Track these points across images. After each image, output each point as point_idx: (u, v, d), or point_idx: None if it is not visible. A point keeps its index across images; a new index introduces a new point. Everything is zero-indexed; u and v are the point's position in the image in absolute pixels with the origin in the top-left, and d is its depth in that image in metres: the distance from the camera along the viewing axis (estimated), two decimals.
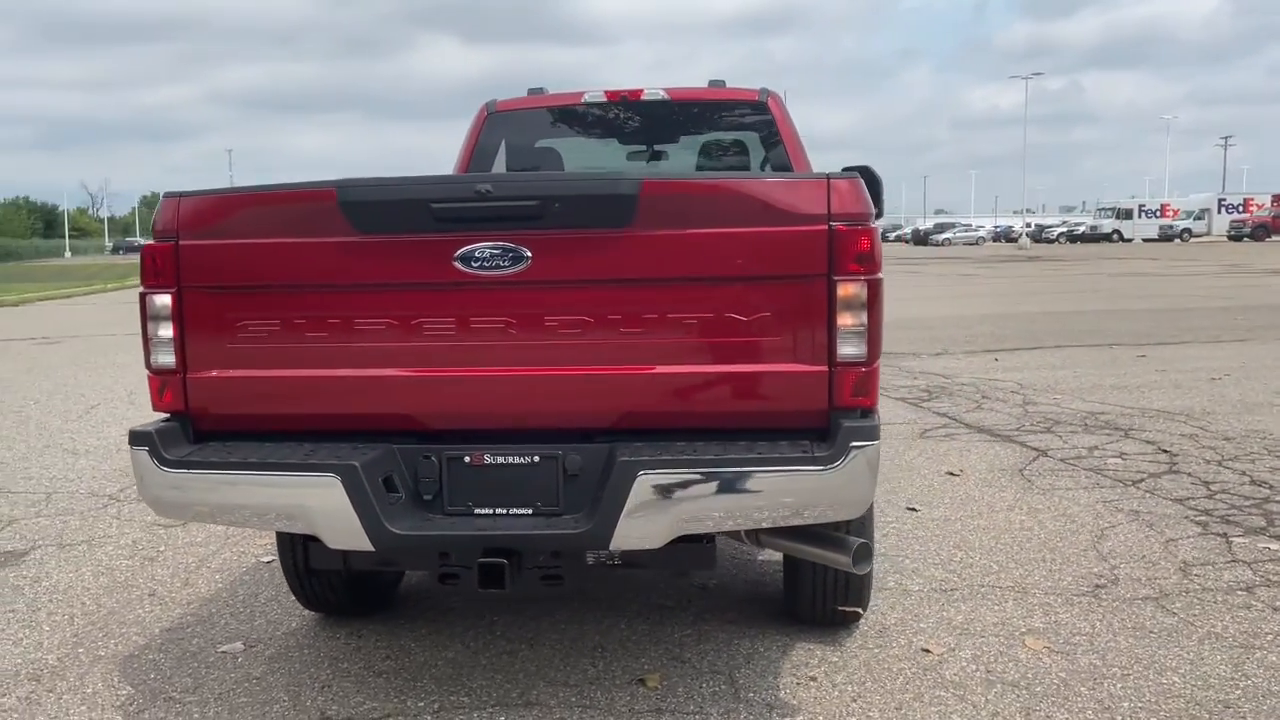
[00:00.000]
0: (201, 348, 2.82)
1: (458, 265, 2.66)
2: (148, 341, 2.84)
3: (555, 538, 2.66)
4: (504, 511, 2.75)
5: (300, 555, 3.46)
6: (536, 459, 2.72)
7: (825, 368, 2.64)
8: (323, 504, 2.63)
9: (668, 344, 2.68)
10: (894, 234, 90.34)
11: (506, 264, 2.66)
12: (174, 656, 3.62)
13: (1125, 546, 4.56)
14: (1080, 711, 3.07)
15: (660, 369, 2.69)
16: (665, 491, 2.57)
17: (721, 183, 2.75)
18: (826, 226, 2.60)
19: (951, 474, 5.93)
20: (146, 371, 2.89)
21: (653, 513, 2.58)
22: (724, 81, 5.30)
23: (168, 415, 2.88)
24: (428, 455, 2.76)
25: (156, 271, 2.80)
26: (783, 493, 2.59)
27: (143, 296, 2.84)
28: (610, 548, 2.63)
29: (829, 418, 2.67)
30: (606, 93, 5.24)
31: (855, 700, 3.18)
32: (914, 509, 5.22)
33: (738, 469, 2.57)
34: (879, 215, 5.68)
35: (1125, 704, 3.11)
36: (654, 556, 2.81)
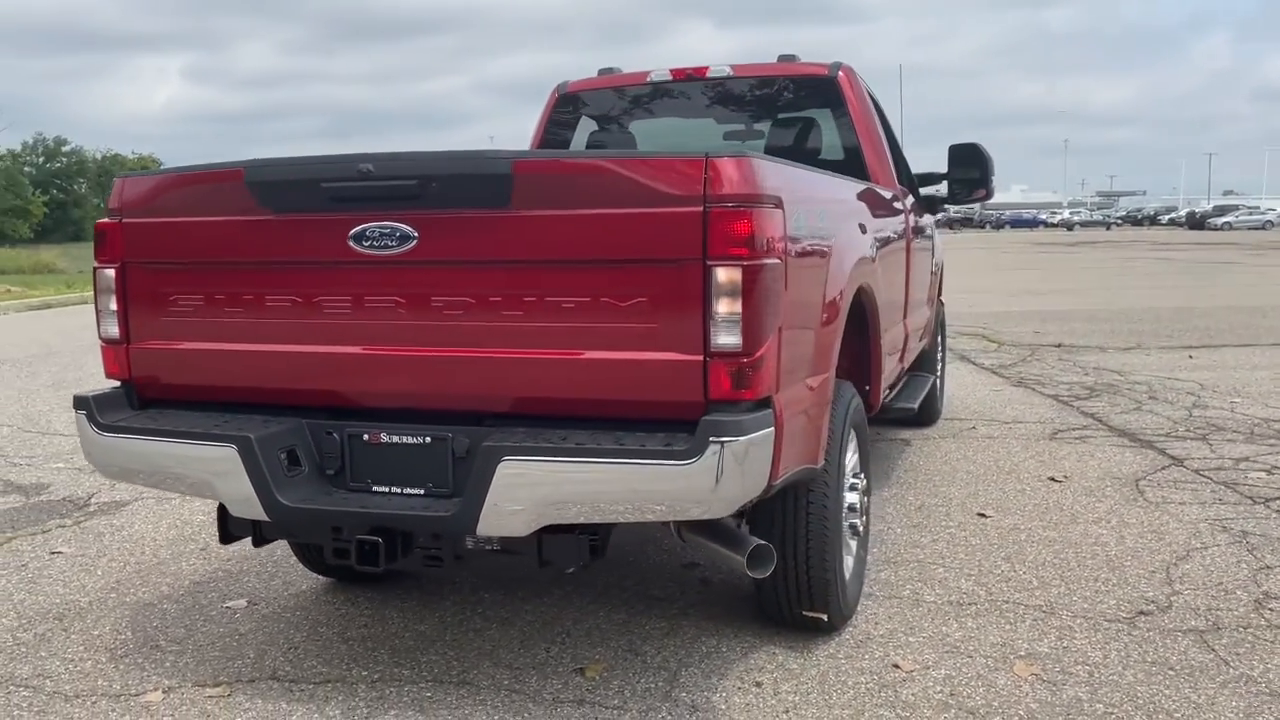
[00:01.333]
0: (141, 320, 3.00)
1: (352, 244, 2.70)
2: (99, 313, 3.04)
3: (426, 519, 2.65)
4: (399, 490, 2.77)
5: None
6: (428, 440, 2.72)
7: (700, 357, 2.49)
8: (222, 473, 2.74)
9: (547, 329, 2.61)
10: (1166, 216, 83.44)
11: (394, 244, 2.67)
12: (184, 608, 3.87)
13: (1205, 571, 4.06)
14: None
15: (541, 354, 2.62)
16: (526, 479, 2.51)
17: (595, 162, 2.64)
18: (701, 208, 2.45)
19: (1053, 479, 5.47)
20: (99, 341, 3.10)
21: (516, 500, 2.52)
22: (796, 56, 5.08)
23: (118, 383, 3.07)
24: (330, 431, 2.82)
25: (104, 248, 3.00)
26: (639, 486, 2.47)
27: (94, 271, 3.04)
28: (477, 533, 2.59)
29: (705, 410, 2.52)
30: (672, 71, 5.14)
31: (788, 712, 3.00)
32: (985, 515, 4.85)
33: (595, 460, 2.48)
34: (987, 196, 5.32)
35: None
36: (526, 545, 2.75)
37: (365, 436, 2.80)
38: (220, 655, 3.44)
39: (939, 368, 6.86)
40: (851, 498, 3.50)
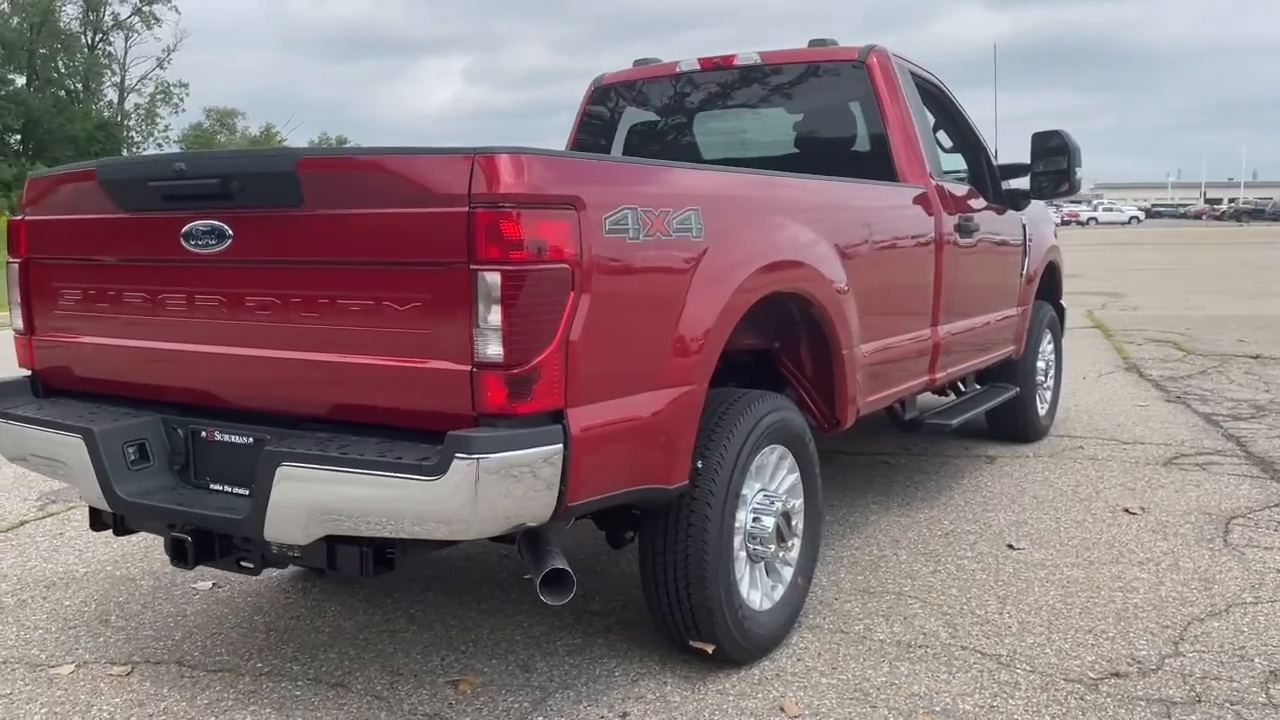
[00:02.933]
0: (38, 313, 3.16)
1: (183, 243, 2.72)
2: (11, 305, 3.23)
3: (222, 520, 2.64)
4: (229, 489, 2.78)
5: None
6: (251, 440, 2.71)
7: (467, 367, 2.35)
8: (73, 461, 2.84)
9: (340, 331, 2.54)
10: None
11: (214, 242, 2.67)
12: (157, 585, 4.07)
13: (1234, 631, 3.49)
14: None
15: (336, 357, 2.56)
16: (300, 486, 2.46)
17: (372, 159, 2.53)
18: (466, 209, 2.30)
19: (1128, 511, 4.86)
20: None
21: (291, 507, 2.47)
22: (833, 40, 4.74)
23: (28, 372, 3.25)
24: (177, 428, 2.87)
25: (12, 243, 3.18)
26: (391, 501, 2.36)
27: (6, 265, 3.23)
28: (266, 538, 2.56)
29: (475, 423, 2.37)
30: (700, 61, 4.92)
31: None
32: (1014, 547, 4.37)
33: (354, 470, 2.38)
34: (1071, 190, 4.80)
35: None
36: (316, 552, 2.68)
37: (203, 434, 2.83)
38: (151, 635, 3.59)
39: (1042, 379, 6.24)
40: (765, 522, 3.22)
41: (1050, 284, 6.43)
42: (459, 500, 2.28)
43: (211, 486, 2.82)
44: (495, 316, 2.29)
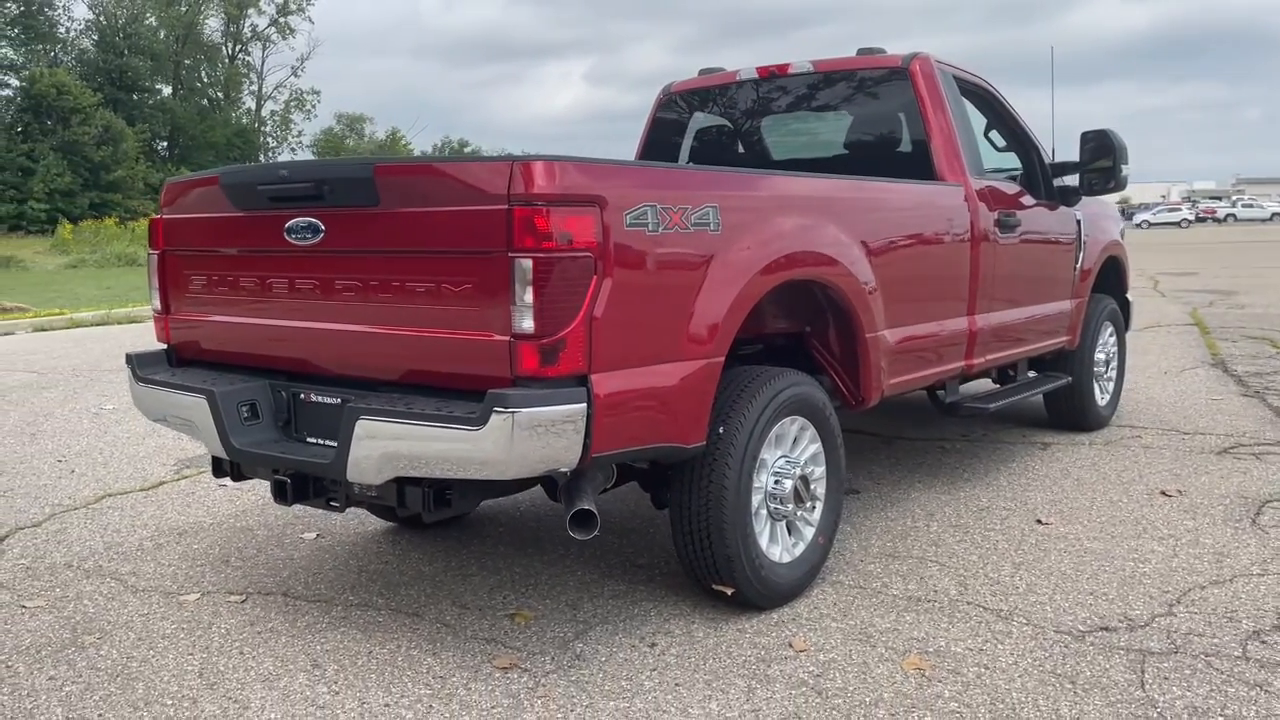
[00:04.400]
0: (172, 296, 3.79)
1: (286, 236, 3.30)
2: (150, 290, 3.88)
3: (314, 465, 3.20)
4: (321, 442, 3.35)
5: None
6: (339, 401, 3.27)
7: (507, 338, 2.86)
8: (199, 418, 3.46)
9: (410, 310, 3.06)
10: None
11: (311, 236, 3.24)
12: (271, 534, 4.71)
13: (1231, 597, 3.77)
14: None
15: (408, 331, 3.08)
16: (373, 436, 3.00)
17: (432, 166, 3.04)
18: (506, 206, 2.81)
19: (1164, 494, 5.10)
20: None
21: (367, 453, 3.02)
22: (880, 49, 5.11)
23: (165, 346, 3.90)
24: (281, 391, 3.45)
25: (152, 238, 3.82)
26: (445, 447, 2.87)
27: (149, 256, 3.88)
28: (348, 479, 3.11)
29: (512, 384, 2.88)
30: (758, 69, 5.34)
31: (655, 670, 3.27)
32: (1043, 522, 4.68)
33: (415, 422, 2.91)
34: (1117, 188, 5.10)
35: None
36: (388, 491, 3.21)
37: (302, 396, 3.40)
38: (263, 572, 4.20)
39: (1102, 370, 6.46)
40: (784, 484, 3.64)
41: (1112, 279, 6.62)
42: (497, 447, 2.78)
43: (308, 439, 3.39)
44: (529, 296, 2.78)
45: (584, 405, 2.88)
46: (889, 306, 4.12)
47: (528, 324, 2.80)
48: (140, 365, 3.76)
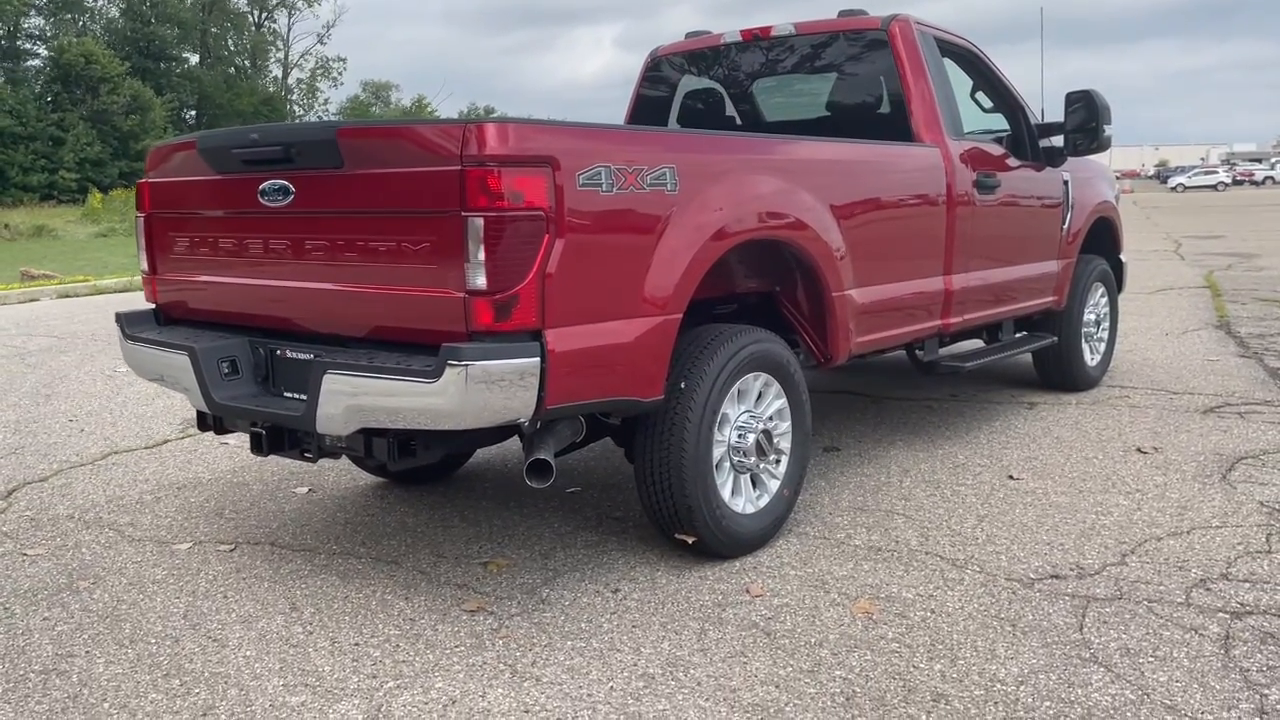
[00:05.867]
0: (157, 258, 3.95)
1: (260, 198, 3.44)
2: (139, 251, 4.04)
3: (286, 418, 3.36)
4: (296, 396, 3.51)
5: None
6: (312, 357, 3.42)
7: (463, 294, 2.99)
8: (181, 373, 3.62)
9: (374, 269, 3.20)
10: None
11: (282, 198, 3.38)
12: (266, 488, 4.89)
13: (1184, 548, 3.87)
14: (786, 663, 3.01)
15: (373, 289, 3.22)
16: (339, 389, 3.15)
17: (388, 129, 3.18)
18: (459, 167, 2.93)
19: (1141, 451, 5.18)
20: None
21: (333, 406, 3.17)
22: (862, 11, 5.17)
23: (153, 306, 4.07)
24: (259, 347, 3.61)
25: (138, 201, 3.98)
26: (403, 400, 3.01)
27: (136, 219, 4.04)
28: (318, 430, 3.27)
29: (468, 339, 3.01)
30: (742, 32, 5.42)
31: (615, 613, 3.41)
32: (1014, 478, 4.78)
33: (376, 376, 3.05)
34: (1101, 147, 5.15)
35: (829, 676, 2.97)
36: (357, 442, 3.37)
37: (278, 352, 3.55)
38: (254, 524, 4.39)
39: (1092, 330, 6.51)
40: (747, 438, 3.76)
41: (1104, 239, 6.66)
42: (451, 399, 2.92)
43: (285, 394, 3.55)
44: (481, 254, 2.91)
45: (537, 359, 3.01)
46: (857, 265, 4.22)
47: (481, 281, 2.93)
48: (129, 324, 3.93)
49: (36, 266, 17.89)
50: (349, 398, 3.11)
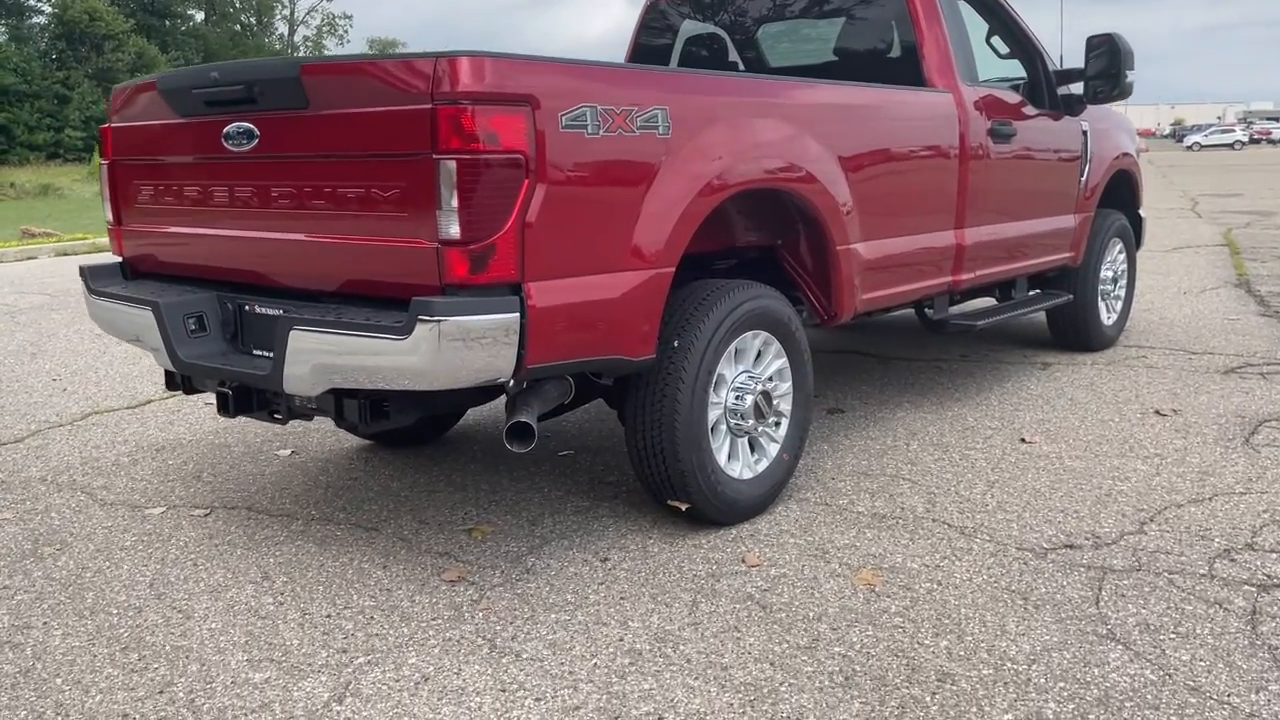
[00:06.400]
0: (122, 208, 3.74)
1: (224, 143, 3.22)
2: (104, 201, 3.82)
3: (253, 377, 3.16)
4: (265, 354, 3.31)
5: None
6: (281, 312, 3.22)
7: (435, 244, 2.77)
8: (145, 330, 3.42)
9: (343, 217, 2.99)
10: None
11: (246, 142, 3.16)
12: (247, 450, 4.71)
13: (1208, 516, 3.66)
14: (781, 639, 2.83)
15: (343, 240, 3.01)
16: (306, 346, 2.94)
17: (354, 65, 2.94)
18: (430, 106, 2.71)
19: (1159, 413, 4.96)
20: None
21: (300, 364, 2.97)
22: None
23: (120, 258, 3.86)
24: (227, 303, 3.41)
25: (102, 147, 3.76)
26: (372, 357, 2.81)
27: (100, 167, 3.82)
28: (285, 390, 3.07)
29: (441, 293, 2.80)
30: None
31: (603, 584, 3.23)
32: (1026, 441, 4.57)
33: (344, 333, 2.84)
34: (1123, 94, 4.89)
35: (827, 653, 2.78)
36: (327, 403, 3.17)
37: (247, 308, 3.35)
38: (233, 487, 4.21)
39: (1109, 288, 6.27)
40: (745, 400, 3.56)
41: (1123, 193, 6.39)
42: (423, 357, 2.71)
43: (254, 352, 3.35)
44: (454, 200, 2.69)
45: (516, 315, 2.80)
46: (864, 218, 3.99)
47: (454, 230, 2.71)
48: (93, 278, 3.73)
49: (39, 225, 17.71)
50: (316, 356, 2.91)
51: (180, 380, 3.58)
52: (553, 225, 2.85)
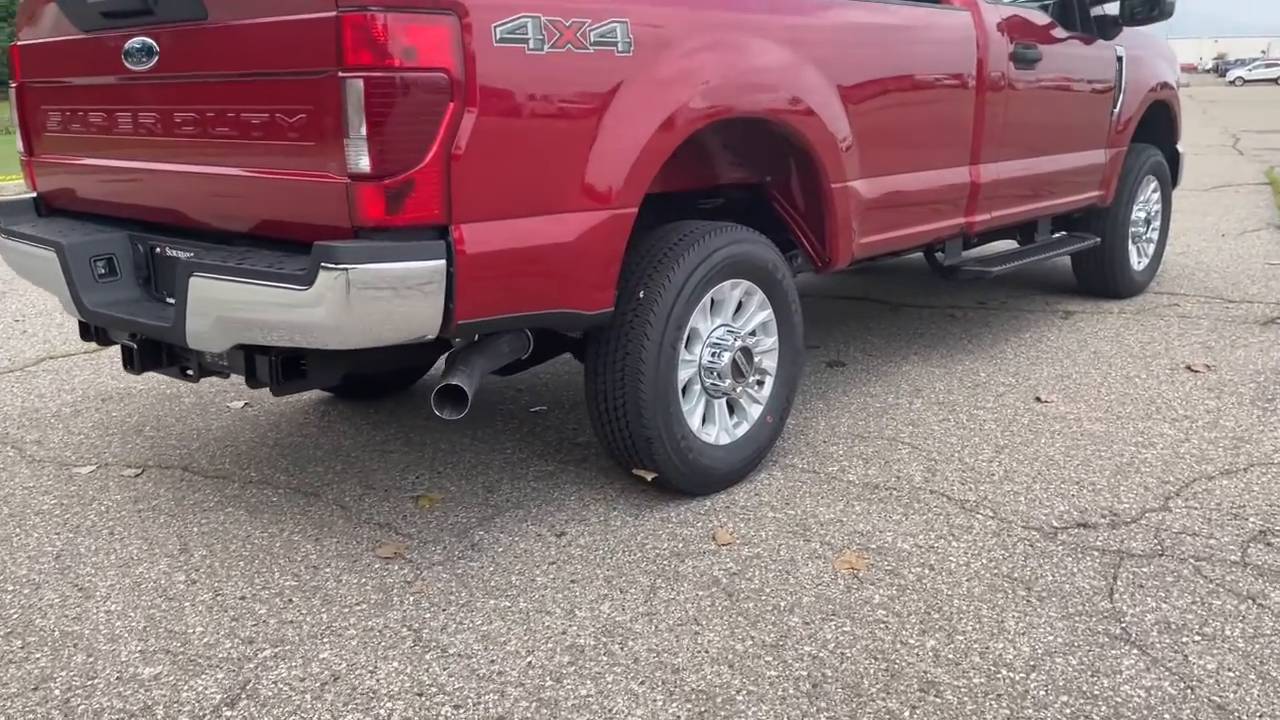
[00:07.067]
0: (33, 136, 3.35)
1: (125, 61, 2.83)
2: (15, 129, 3.44)
3: (157, 329, 2.79)
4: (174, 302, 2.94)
5: None
6: (183, 257, 2.85)
7: (344, 180, 2.38)
8: (50, 274, 3.06)
9: (243, 147, 2.60)
10: None
11: (146, 59, 2.76)
12: (198, 402, 4.38)
13: (1242, 490, 3.27)
14: (745, 634, 2.48)
15: (240, 172, 2.63)
16: (206, 295, 2.57)
17: None
18: (335, 13, 2.30)
19: (1191, 369, 4.53)
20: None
21: (202, 315, 2.60)
22: None
23: (34, 194, 3.48)
24: (139, 244, 3.03)
25: (10, 67, 3.37)
26: (275, 310, 2.44)
27: (9, 90, 3.43)
28: (189, 345, 2.70)
29: (354, 235, 2.42)
30: None
31: (554, 563, 2.89)
32: (1042, 400, 4.16)
33: (244, 280, 2.47)
34: (1164, 14, 4.38)
35: (796, 654, 2.43)
36: (238, 361, 2.81)
37: (158, 250, 2.98)
38: (173, 444, 3.88)
39: (1141, 230, 5.79)
40: (723, 357, 3.17)
41: (1160, 126, 5.88)
42: (330, 310, 2.33)
43: (167, 299, 2.98)
44: (363, 126, 2.29)
45: (442, 262, 2.41)
46: (864, 151, 3.55)
47: (364, 162, 2.32)
48: (3, 215, 3.36)
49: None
50: (218, 307, 2.54)
51: (94, 331, 3.22)
52: (487, 158, 2.45)
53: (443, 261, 2.41)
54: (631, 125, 2.74)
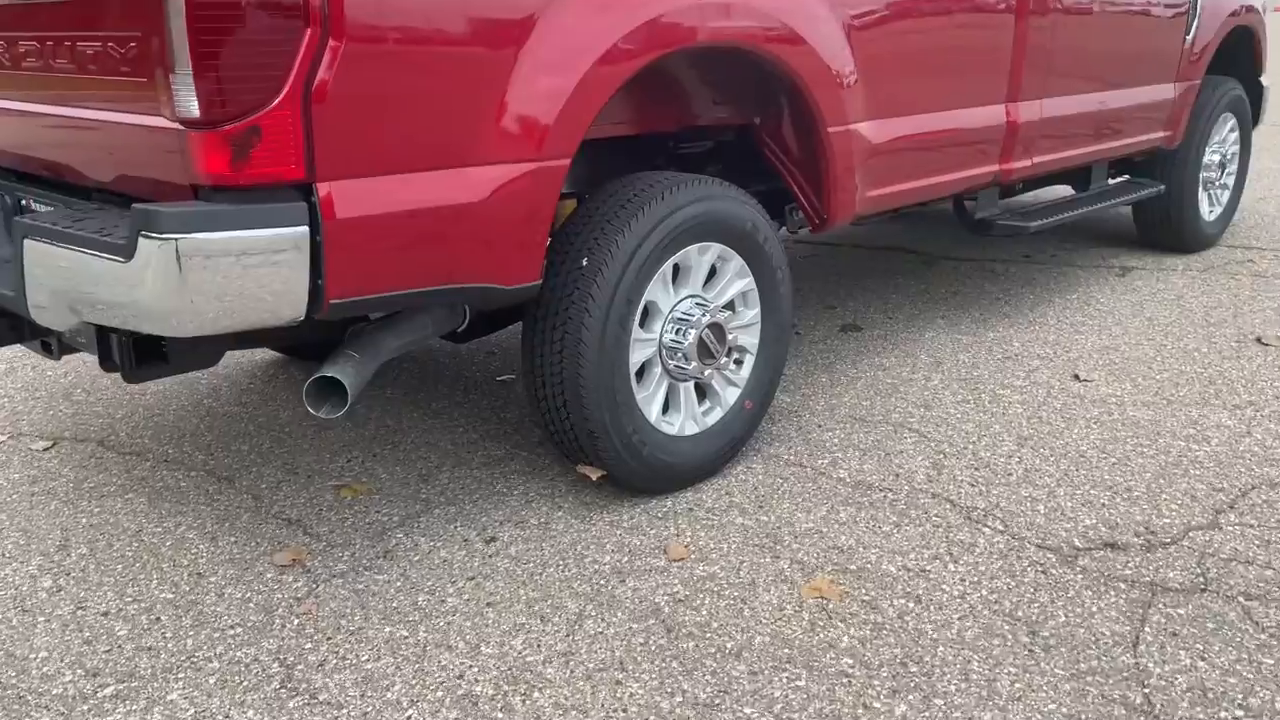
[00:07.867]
0: None
1: None
2: None
3: (6, 298, 2.38)
4: None
5: None
6: (28, 215, 2.42)
7: (178, 124, 1.92)
8: None
9: (80, 84, 2.16)
10: None
11: None
12: None
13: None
14: (676, 687, 2.03)
15: (80, 114, 2.19)
16: (39, 262, 2.15)
17: None
18: None
19: (1261, 342, 3.94)
20: None
21: (38, 284, 2.18)
22: None
23: None
24: (5, 195, 2.62)
25: None
26: (98, 285, 2.00)
27: None
28: (33, 318, 2.29)
29: (196, 195, 1.96)
30: None
31: (474, 578, 2.47)
32: (1081, 379, 3.61)
33: (68, 246, 2.04)
34: None
35: (733, 717, 1.98)
36: (89, 339, 2.37)
37: (24, 202, 2.56)
38: (97, 413, 3.51)
39: (1214, 175, 5.12)
40: (687, 335, 2.68)
41: (1241, 56, 5.16)
42: (156, 288, 1.89)
43: None
44: (187, 58, 1.82)
45: (304, 229, 1.95)
46: (871, 87, 3.00)
47: (192, 103, 1.85)
48: None
49: None
50: (51, 276, 2.11)
51: None
52: (361, 98, 1.97)
53: (304, 228, 1.95)
54: (562, 55, 2.24)
